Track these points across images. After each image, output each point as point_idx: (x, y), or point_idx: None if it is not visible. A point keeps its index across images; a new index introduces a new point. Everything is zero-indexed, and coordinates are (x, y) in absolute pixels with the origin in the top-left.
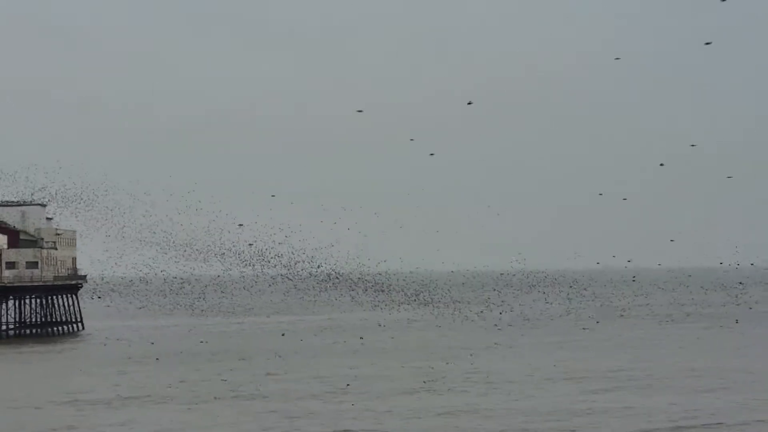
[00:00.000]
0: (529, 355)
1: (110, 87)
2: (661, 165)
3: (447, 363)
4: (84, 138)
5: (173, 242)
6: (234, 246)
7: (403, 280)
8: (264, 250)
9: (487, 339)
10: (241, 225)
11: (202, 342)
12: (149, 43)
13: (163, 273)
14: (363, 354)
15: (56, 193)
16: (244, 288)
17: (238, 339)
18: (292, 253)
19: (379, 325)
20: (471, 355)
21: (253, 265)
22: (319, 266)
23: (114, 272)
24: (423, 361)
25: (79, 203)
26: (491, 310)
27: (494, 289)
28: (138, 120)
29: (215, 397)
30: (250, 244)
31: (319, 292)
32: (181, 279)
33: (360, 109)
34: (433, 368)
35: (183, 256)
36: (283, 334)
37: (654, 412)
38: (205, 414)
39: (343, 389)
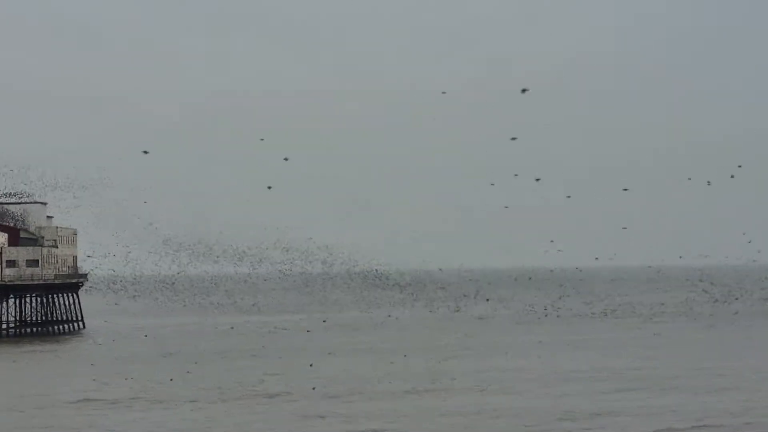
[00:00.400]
0: (532, 354)
1: (113, 84)
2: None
3: (453, 361)
4: (86, 136)
5: (173, 239)
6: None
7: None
8: (261, 247)
9: (493, 336)
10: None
11: (211, 341)
12: (153, 40)
13: (158, 269)
14: (372, 353)
15: (54, 183)
16: (243, 284)
17: (245, 337)
18: (288, 251)
19: (383, 321)
20: (478, 353)
21: (249, 262)
22: (311, 262)
23: (100, 269)
24: (430, 359)
25: (76, 195)
26: (495, 309)
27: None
28: (140, 117)
29: (223, 397)
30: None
31: (318, 289)
32: (173, 276)
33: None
34: (440, 367)
35: (181, 252)
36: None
37: (666, 412)
38: (212, 414)
39: (352, 388)
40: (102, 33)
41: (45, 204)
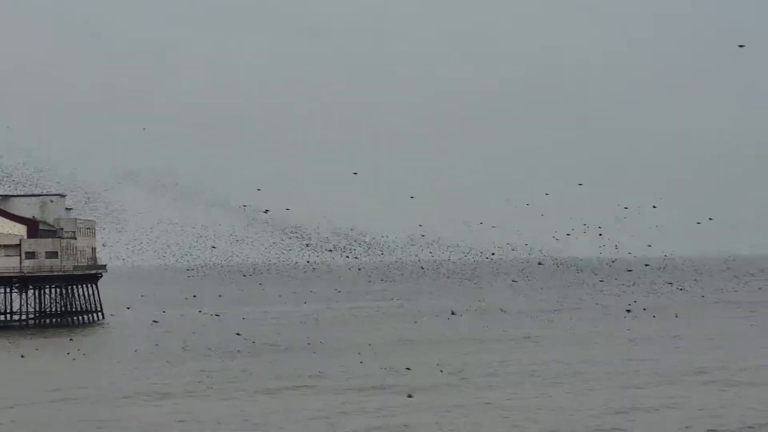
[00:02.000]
0: (555, 349)
1: (129, 80)
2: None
3: (478, 356)
4: (95, 135)
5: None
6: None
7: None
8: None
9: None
10: (267, 211)
11: (238, 334)
12: (180, 37)
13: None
14: (394, 348)
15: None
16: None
17: (272, 329)
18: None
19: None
20: (507, 347)
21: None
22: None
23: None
24: (457, 353)
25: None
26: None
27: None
28: (161, 116)
29: (254, 390)
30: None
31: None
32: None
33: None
34: (467, 362)
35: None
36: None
37: (695, 408)
38: (242, 407)
39: (384, 384)
40: (110, 32)
41: (64, 196)
